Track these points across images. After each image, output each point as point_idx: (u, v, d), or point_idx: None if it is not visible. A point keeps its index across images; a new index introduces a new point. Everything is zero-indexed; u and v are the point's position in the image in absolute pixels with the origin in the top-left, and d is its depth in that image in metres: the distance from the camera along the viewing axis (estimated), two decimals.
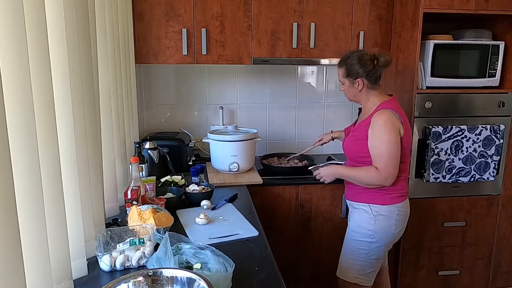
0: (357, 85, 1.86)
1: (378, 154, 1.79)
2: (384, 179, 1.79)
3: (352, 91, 1.90)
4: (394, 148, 1.77)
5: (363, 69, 1.82)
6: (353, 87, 1.88)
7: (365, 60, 1.83)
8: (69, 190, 1.13)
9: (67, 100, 1.11)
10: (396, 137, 1.77)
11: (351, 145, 1.94)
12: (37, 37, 0.93)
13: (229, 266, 1.13)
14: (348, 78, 1.87)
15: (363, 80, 1.84)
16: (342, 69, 1.88)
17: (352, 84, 1.88)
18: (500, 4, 2.29)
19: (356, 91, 1.89)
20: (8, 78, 0.79)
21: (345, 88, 1.93)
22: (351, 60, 1.85)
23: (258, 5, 2.40)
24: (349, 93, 1.93)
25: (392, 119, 1.79)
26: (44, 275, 0.95)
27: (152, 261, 1.18)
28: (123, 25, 1.94)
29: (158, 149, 2.18)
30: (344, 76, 1.88)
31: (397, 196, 1.87)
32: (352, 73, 1.85)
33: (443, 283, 2.65)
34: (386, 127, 1.77)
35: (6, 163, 0.73)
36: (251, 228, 1.58)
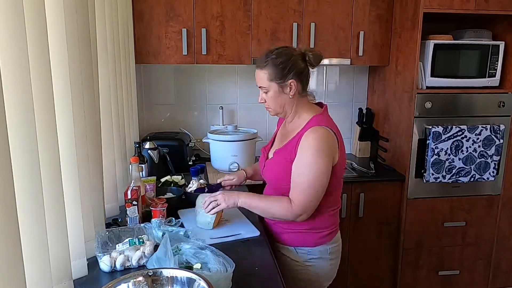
0: (289, 90, 1.44)
1: (298, 182, 1.40)
2: (296, 215, 1.41)
3: (281, 99, 1.46)
4: (321, 179, 1.39)
5: (294, 68, 1.42)
6: (282, 94, 1.45)
7: (295, 56, 1.44)
8: (69, 190, 1.13)
9: (67, 100, 1.11)
10: (328, 165, 1.39)
11: (273, 169, 1.54)
12: (37, 37, 0.92)
13: (229, 266, 1.13)
14: (276, 81, 1.43)
15: (295, 83, 1.43)
16: (266, 69, 1.43)
17: (281, 89, 1.44)
18: (500, 4, 2.29)
19: (287, 98, 1.46)
20: (8, 78, 0.79)
21: (270, 96, 1.46)
22: (278, 57, 1.42)
23: (258, 5, 2.40)
24: (276, 103, 1.47)
25: (329, 140, 1.40)
26: (44, 275, 0.95)
27: (152, 261, 1.18)
28: (123, 25, 1.94)
29: (158, 149, 2.18)
30: (269, 79, 1.43)
31: (328, 233, 1.53)
32: (281, 74, 1.42)
33: (443, 283, 2.65)
34: (318, 148, 1.38)
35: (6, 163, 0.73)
36: (252, 228, 1.58)
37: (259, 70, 1.46)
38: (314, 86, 2.93)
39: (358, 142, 2.91)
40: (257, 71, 1.47)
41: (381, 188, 2.48)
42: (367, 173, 2.51)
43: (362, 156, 2.91)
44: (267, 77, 1.44)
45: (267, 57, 1.44)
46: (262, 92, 1.49)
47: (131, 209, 1.54)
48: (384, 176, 2.51)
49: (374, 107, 2.86)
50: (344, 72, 2.93)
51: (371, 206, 2.49)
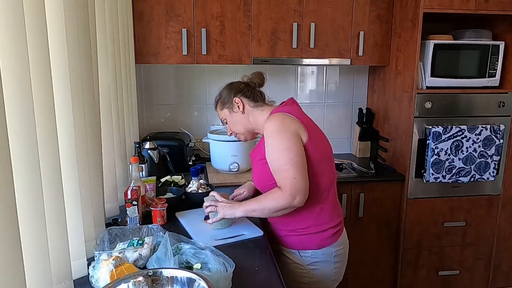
0: (237, 107, 1.59)
1: (276, 168, 1.42)
2: (291, 198, 1.37)
3: (235, 118, 1.61)
4: (294, 155, 1.38)
5: (234, 89, 1.61)
6: (234, 113, 1.61)
7: (234, 83, 1.64)
8: (69, 190, 1.13)
9: (67, 100, 1.11)
10: (293, 140, 1.39)
11: (255, 171, 1.59)
12: (37, 37, 0.92)
13: (229, 266, 1.13)
14: (226, 108, 1.62)
15: (240, 99, 1.58)
16: (218, 106, 1.66)
17: (232, 110, 1.61)
18: (500, 4, 2.29)
19: (239, 115, 1.59)
20: (8, 78, 0.79)
21: (229, 122, 1.64)
22: (221, 92, 1.66)
23: (258, 5, 2.40)
24: (235, 124, 1.62)
25: (285, 120, 1.43)
26: (44, 275, 0.95)
27: (152, 261, 1.18)
28: (123, 25, 1.94)
29: (158, 149, 2.18)
30: (221, 109, 1.65)
31: (332, 234, 1.52)
32: (226, 99, 1.61)
33: (443, 283, 2.65)
34: (278, 131, 1.41)
35: (6, 163, 0.73)
36: (255, 228, 1.58)
37: (216, 111, 1.69)
38: (314, 86, 2.93)
39: (358, 142, 2.91)
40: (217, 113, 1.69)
41: (381, 188, 2.48)
42: (367, 173, 2.51)
43: (362, 156, 2.91)
44: (219, 109, 1.66)
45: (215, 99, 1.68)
46: (225, 124, 1.68)
47: (131, 209, 1.54)
48: (384, 176, 2.51)
49: (374, 107, 2.86)
50: (344, 72, 2.93)
51: (371, 206, 2.49)
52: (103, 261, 1.14)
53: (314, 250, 1.50)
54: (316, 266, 1.51)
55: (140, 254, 1.27)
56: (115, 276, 1.08)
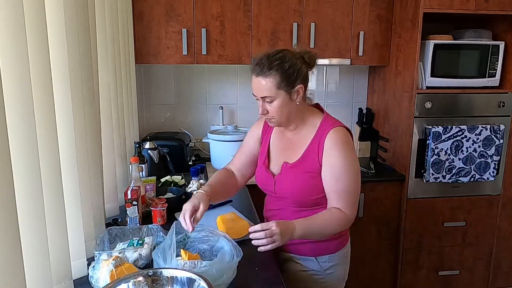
0: (296, 96, 1.32)
1: (340, 189, 1.32)
2: (352, 220, 1.36)
3: (288, 108, 1.33)
4: (359, 178, 1.36)
5: (301, 73, 1.31)
6: (290, 101, 1.32)
7: (297, 59, 1.32)
8: (69, 190, 1.13)
9: (67, 100, 1.11)
10: (357, 162, 1.36)
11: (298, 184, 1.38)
12: (37, 37, 0.92)
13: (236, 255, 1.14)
14: (284, 89, 1.29)
15: (302, 88, 1.33)
16: (272, 76, 1.28)
17: (289, 97, 1.31)
18: (500, 4, 2.29)
19: (294, 106, 1.34)
20: (8, 78, 0.79)
21: (276, 106, 1.32)
22: (283, 61, 1.28)
23: (258, 5, 2.40)
24: (282, 112, 1.34)
25: (350, 139, 1.38)
26: (44, 275, 0.95)
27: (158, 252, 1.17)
28: (123, 25, 1.94)
29: (158, 149, 2.18)
30: (278, 87, 1.29)
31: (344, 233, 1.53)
32: (289, 80, 1.29)
33: (443, 283, 2.65)
34: (348, 148, 1.33)
35: (6, 163, 0.73)
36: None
37: (262, 78, 1.29)
38: (314, 86, 2.93)
39: (358, 142, 2.91)
40: (258, 79, 1.30)
41: (381, 188, 2.48)
42: (367, 173, 2.51)
43: (362, 156, 2.90)
44: (273, 84, 1.28)
45: (270, 62, 1.28)
46: (265, 102, 1.33)
47: (131, 209, 1.54)
48: (384, 176, 2.51)
49: (374, 107, 2.86)
50: (344, 72, 2.93)
51: (371, 206, 2.49)
52: (103, 261, 1.14)
53: (332, 254, 1.46)
54: (332, 270, 1.48)
55: (140, 254, 1.27)
56: (115, 276, 1.08)
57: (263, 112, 1.36)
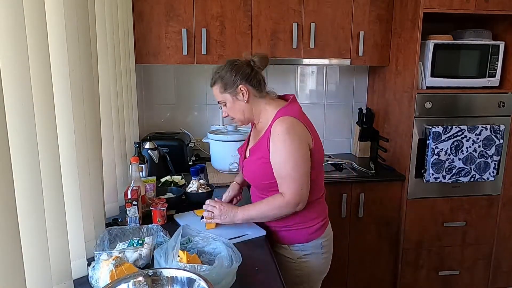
0: (242, 95, 1.51)
1: (283, 174, 1.44)
2: (293, 206, 1.44)
3: (238, 106, 1.53)
4: (303, 164, 1.43)
5: (240, 74, 1.50)
6: (237, 101, 1.52)
7: (239, 65, 1.52)
8: (69, 190, 1.13)
9: (67, 100, 1.11)
10: (303, 149, 1.43)
11: (251, 168, 1.57)
12: (37, 37, 0.92)
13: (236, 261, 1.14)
14: (228, 92, 1.51)
15: (246, 87, 1.50)
16: (217, 85, 1.53)
17: (235, 97, 1.52)
18: (500, 4, 2.29)
19: (243, 104, 1.52)
20: (8, 78, 0.79)
21: (229, 108, 1.55)
22: (222, 70, 1.53)
23: (258, 5, 2.40)
24: (236, 111, 1.54)
25: (297, 127, 1.44)
26: (44, 275, 0.95)
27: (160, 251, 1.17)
28: (123, 25, 1.94)
29: (158, 149, 2.18)
30: (222, 92, 1.52)
31: (319, 227, 1.57)
32: (229, 83, 1.50)
33: (443, 283, 2.65)
34: (289, 137, 1.41)
35: (6, 163, 0.73)
36: (258, 228, 1.57)
37: (212, 88, 1.57)
38: (314, 86, 2.93)
39: (358, 142, 2.91)
40: (212, 89, 1.58)
41: (381, 188, 2.48)
42: (367, 173, 2.51)
43: (362, 156, 2.91)
44: (219, 91, 1.54)
45: (214, 74, 1.56)
46: (222, 106, 1.58)
47: (131, 209, 1.54)
48: (384, 176, 2.51)
49: (374, 107, 2.86)
50: (344, 72, 2.93)
51: (371, 206, 2.49)
52: (103, 261, 1.14)
53: (304, 243, 1.56)
54: (306, 258, 1.56)
55: (140, 254, 1.27)
56: (115, 276, 1.08)
57: (224, 115, 1.60)
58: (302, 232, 1.55)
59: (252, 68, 1.52)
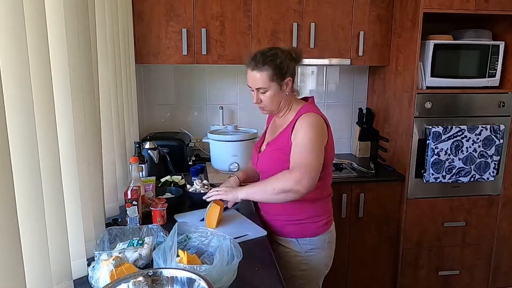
0: (285, 87, 1.53)
1: (298, 150, 1.46)
2: (297, 180, 1.41)
3: (279, 97, 1.54)
4: (318, 152, 1.46)
5: (291, 67, 1.52)
6: (280, 92, 1.53)
7: (287, 54, 1.52)
8: (69, 190, 1.13)
9: (67, 100, 1.11)
10: (321, 142, 1.48)
11: (267, 159, 1.60)
12: (37, 36, 0.92)
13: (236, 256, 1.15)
14: (276, 81, 1.50)
15: (291, 80, 1.54)
16: (265, 70, 1.48)
17: (280, 88, 1.52)
18: (500, 4, 2.29)
19: (283, 96, 1.55)
20: (8, 77, 0.79)
21: (269, 96, 1.53)
22: (275, 57, 1.49)
23: (258, 5, 2.40)
24: (273, 102, 1.55)
25: (320, 123, 1.50)
26: (44, 275, 0.95)
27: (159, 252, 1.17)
28: (123, 25, 1.94)
29: (158, 149, 2.18)
30: (271, 79, 1.50)
31: (325, 222, 1.63)
32: (281, 73, 1.49)
33: (443, 283, 2.65)
34: (314, 129, 1.47)
35: (6, 163, 0.73)
36: (258, 228, 1.57)
37: (256, 71, 1.51)
38: (314, 86, 2.93)
39: (358, 142, 2.91)
40: (253, 72, 1.52)
41: (381, 188, 2.48)
42: (367, 173, 2.51)
43: (362, 156, 2.91)
44: (267, 77, 1.50)
45: (264, 58, 1.50)
46: (259, 92, 1.55)
47: (131, 209, 1.54)
48: (384, 176, 2.51)
49: (374, 107, 2.86)
50: (344, 72, 2.93)
51: (371, 206, 2.49)
52: (103, 261, 1.14)
53: (311, 238, 1.60)
54: (312, 252, 1.61)
55: (140, 254, 1.27)
56: (115, 276, 1.08)
57: (257, 101, 1.57)
58: (312, 226, 1.60)
59: (295, 64, 1.55)
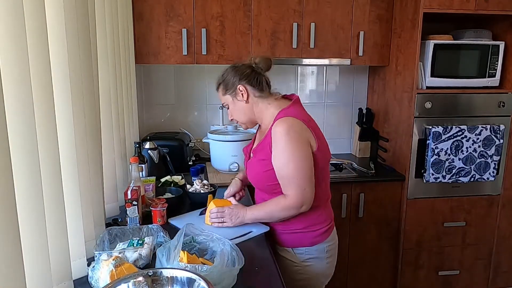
0: (241, 96, 1.52)
1: (285, 176, 1.42)
2: (297, 207, 1.42)
3: (239, 107, 1.54)
4: (305, 165, 1.40)
5: (239, 74, 1.52)
6: (238, 102, 1.54)
7: (239, 67, 1.55)
8: (69, 190, 1.13)
9: (67, 100, 1.11)
10: (307, 151, 1.41)
11: (254, 170, 1.55)
12: (37, 37, 0.92)
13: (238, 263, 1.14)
14: (228, 93, 1.54)
15: (245, 86, 1.51)
16: (220, 88, 1.57)
17: (235, 98, 1.54)
18: (500, 4, 2.29)
19: (243, 104, 1.53)
20: (8, 78, 0.79)
21: (231, 109, 1.57)
22: (225, 73, 1.57)
23: (258, 5, 2.40)
24: (239, 113, 1.56)
25: (297, 127, 1.41)
26: (44, 275, 0.95)
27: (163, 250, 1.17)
28: (123, 25, 1.94)
29: (158, 149, 2.18)
30: (224, 94, 1.56)
31: (324, 231, 1.55)
32: (229, 84, 1.53)
33: (443, 283, 2.65)
34: (289, 138, 1.39)
35: (6, 164, 0.73)
36: (261, 225, 1.57)
37: (217, 92, 1.60)
38: (314, 86, 2.93)
39: (358, 142, 2.91)
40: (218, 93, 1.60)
41: (381, 188, 2.48)
42: (367, 173, 2.51)
43: (362, 156, 2.91)
44: (221, 93, 1.57)
45: (218, 80, 1.59)
46: (226, 109, 1.61)
47: (131, 209, 1.54)
48: (384, 176, 2.51)
49: (374, 107, 2.86)
50: (344, 72, 2.93)
51: (371, 206, 2.49)
52: (103, 261, 1.14)
53: (308, 247, 1.53)
54: (310, 262, 1.54)
55: (140, 254, 1.27)
56: (115, 276, 1.08)
57: (230, 118, 1.62)
58: (307, 236, 1.53)
59: (252, 69, 1.53)
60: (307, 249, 1.53)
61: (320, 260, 1.55)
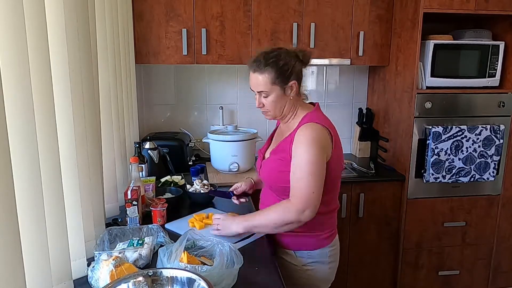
0: (290, 92, 1.43)
1: (298, 176, 1.36)
2: (299, 211, 1.34)
3: (282, 102, 1.44)
4: (317, 169, 1.35)
5: (295, 68, 1.41)
6: (284, 96, 1.43)
7: (292, 56, 1.42)
8: (69, 190, 1.13)
9: (67, 100, 1.11)
10: (322, 157, 1.37)
11: (268, 168, 1.50)
12: (37, 37, 0.92)
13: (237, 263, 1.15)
14: (278, 84, 1.40)
15: (296, 84, 1.43)
16: (267, 72, 1.39)
17: (283, 92, 1.42)
18: (500, 4, 2.29)
19: (287, 100, 1.44)
20: (8, 78, 0.79)
21: (271, 100, 1.43)
22: (279, 59, 1.39)
23: (258, 5, 2.40)
24: (276, 106, 1.45)
25: (321, 135, 1.38)
26: (44, 275, 0.95)
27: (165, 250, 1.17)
28: (123, 25, 1.94)
29: (158, 149, 2.18)
30: (272, 82, 1.40)
31: (328, 236, 1.52)
32: (284, 76, 1.40)
33: (443, 283, 2.65)
34: (312, 143, 1.35)
35: (6, 164, 0.73)
36: None
37: (258, 73, 1.41)
38: (314, 86, 2.93)
39: (358, 142, 2.91)
40: (254, 75, 1.42)
41: (381, 188, 2.48)
42: (367, 173, 2.51)
43: (362, 156, 2.91)
44: (269, 80, 1.40)
45: (266, 59, 1.39)
46: (261, 96, 1.45)
47: (131, 209, 1.54)
48: (384, 176, 2.51)
49: (374, 107, 2.86)
50: (344, 72, 2.93)
51: (371, 206, 2.49)
52: (103, 261, 1.14)
53: (310, 251, 1.50)
54: (311, 266, 1.51)
55: (140, 254, 1.27)
56: (115, 276, 1.08)
57: (259, 105, 1.48)
58: (312, 239, 1.49)
59: (302, 63, 1.45)
60: (310, 253, 1.50)
61: (322, 265, 1.52)
